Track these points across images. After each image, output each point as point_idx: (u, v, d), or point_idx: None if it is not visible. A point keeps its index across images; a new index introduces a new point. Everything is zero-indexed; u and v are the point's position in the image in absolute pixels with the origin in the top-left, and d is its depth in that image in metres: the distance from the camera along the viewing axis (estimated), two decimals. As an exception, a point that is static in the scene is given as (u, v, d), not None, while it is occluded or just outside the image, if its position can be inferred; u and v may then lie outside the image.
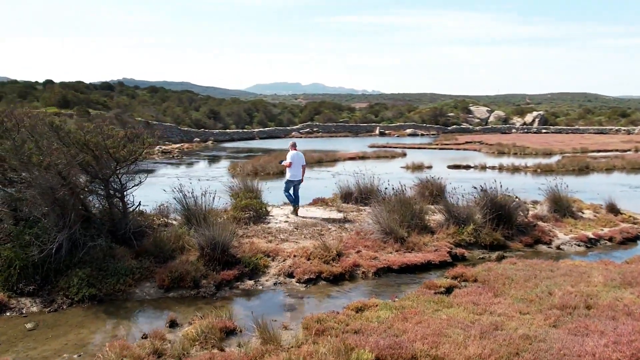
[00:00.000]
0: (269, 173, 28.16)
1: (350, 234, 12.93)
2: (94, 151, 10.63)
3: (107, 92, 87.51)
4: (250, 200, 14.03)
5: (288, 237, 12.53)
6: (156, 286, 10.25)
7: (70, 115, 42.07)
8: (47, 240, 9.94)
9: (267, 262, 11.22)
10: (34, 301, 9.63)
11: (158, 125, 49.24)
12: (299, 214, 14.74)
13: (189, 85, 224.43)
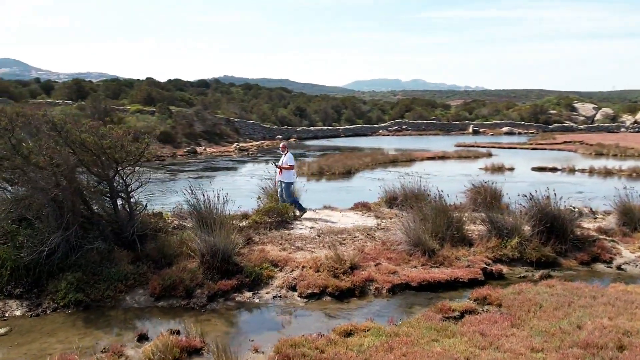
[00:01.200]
0: (334, 173, 27.48)
1: (375, 244, 11.96)
2: (92, 151, 10.35)
3: (202, 89, 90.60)
4: (275, 204, 13.37)
5: (304, 245, 11.77)
6: (148, 294, 9.85)
7: (152, 112, 43.49)
8: (39, 242, 9.78)
9: (272, 273, 10.53)
10: (21, 304, 9.52)
11: (240, 123, 49.94)
12: (326, 219, 13.93)
13: (287, 83, 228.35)
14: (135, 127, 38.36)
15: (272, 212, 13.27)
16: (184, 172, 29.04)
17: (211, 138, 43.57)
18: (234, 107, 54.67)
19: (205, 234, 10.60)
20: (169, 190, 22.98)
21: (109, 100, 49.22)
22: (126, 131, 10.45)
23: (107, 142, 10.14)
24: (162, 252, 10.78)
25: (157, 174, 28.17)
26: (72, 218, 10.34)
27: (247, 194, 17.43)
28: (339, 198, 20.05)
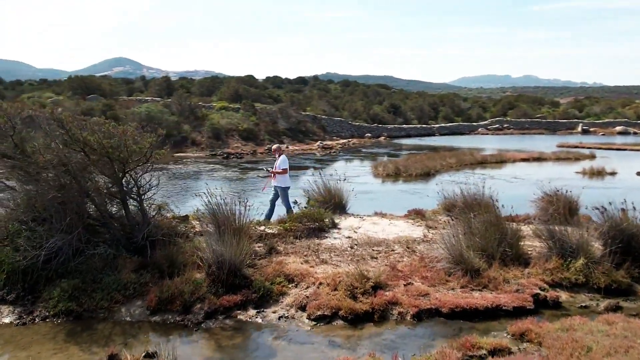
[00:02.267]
0: (411, 174, 25.98)
1: (413, 259, 10.61)
2: (96, 150, 9.78)
3: (299, 86, 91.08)
4: (308, 210, 12.33)
5: (331, 258, 10.64)
6: (145, 306, 9.13)
7: (236, 109, 43.70)
8: (37, 245, 9.33)
9: (285, 289, 9.51)
10: (13, 311, 9.12)
11: (327, 120, 49.24)
12: (369, 228, 12.68)
13: (390, 79, 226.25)
14: (219, 124, 38.66)
15: (307, 219, 12.23)
16: (256, 171, 28.61)
17: (295, 136, 43.16)
18: (324, 104, 54.02)
19: (211, 242, 9.75)
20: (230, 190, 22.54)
21: (198, 97, 50.18)
22: (126, 130, 9.69)
23: (108, 142, 9.49)
24: (170, 260, 10.05)
25: (228, 172, 27.96)
26: (76, 220, 9.83)
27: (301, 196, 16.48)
28: (401, 203, 18.70)
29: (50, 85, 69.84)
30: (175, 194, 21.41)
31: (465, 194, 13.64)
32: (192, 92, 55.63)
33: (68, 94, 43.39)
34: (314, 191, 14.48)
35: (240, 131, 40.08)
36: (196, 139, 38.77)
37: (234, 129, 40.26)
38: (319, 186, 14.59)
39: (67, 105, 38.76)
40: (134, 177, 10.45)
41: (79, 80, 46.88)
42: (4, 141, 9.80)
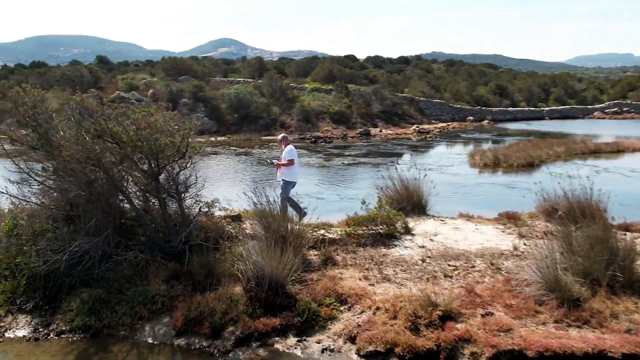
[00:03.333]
0: (512, 165, 23.61)
1: (496, 280, 8.81)
2: (126, 143, 8.68)
3: (401, 66, 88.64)
4: (376, 212, 10.74)
5: (395, 275, 9.04)
6: (171, 325, 7.99)
7: (329, 90, 42.38)
8: (58, 249, 8.41)
9: (335, 312, 8.06)
10: (29, 322, 8.30)
11: (425, 102, 46.96)
12: (448, 235, 10.90)
13: (500, 58, 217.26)
14: (310, 106, 37.57)
15: (374, 222, 10.65)
16: (342, 157, 27.20)
17: (389, 119, 41.29)
18: (423, 86, 51.58)
19: (254, 251, 8.44)
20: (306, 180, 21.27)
21: (292, 78, 49.31)
22: (149, 121, 8.50)
23: (135, 134, 8.35)
24: (208, 269, 8.85)
25: (311, 159, 26.74)
26: (105, 221, 8.83)
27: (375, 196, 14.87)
28: (495, 201, 16.64)
29: (153, 66, 71.71)
30: (249, 184, 20.39)
31: (569, 195, 11.51)
32: (288, 73, 54.89)
33: (161, 76, 43.83)
34: (389, 188, 12.81)
35: (331, 114, 38.78)
36: (285, 121, 37.89)
37: (325, 111, 39.01)
38: (395, 181, 12.88)
39: (157, 87, 39.04)
40: (171, 173, 9.30)
41: (172, 62, 47.26)
42: (28, 132, 8.93)
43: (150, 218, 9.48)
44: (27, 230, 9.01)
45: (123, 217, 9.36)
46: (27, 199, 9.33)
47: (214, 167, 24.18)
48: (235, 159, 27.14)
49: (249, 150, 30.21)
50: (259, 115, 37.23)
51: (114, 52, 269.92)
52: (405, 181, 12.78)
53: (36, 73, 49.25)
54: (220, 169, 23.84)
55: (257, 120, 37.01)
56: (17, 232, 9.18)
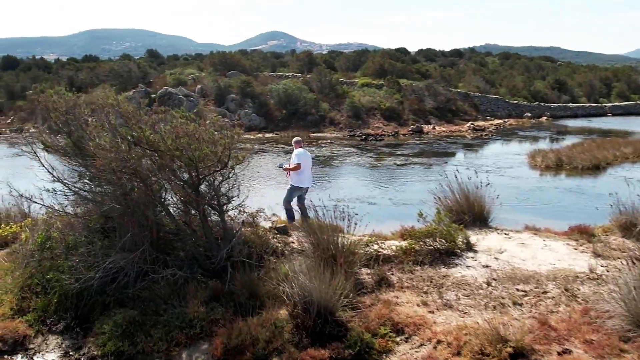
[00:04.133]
0: (576, 167, 22.31)
1: (572, 309, 7.86)
2: (164, 152, 8.08)
3: (454, 59, 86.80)
4: (435, 227, 9.87)
5: (458, 300, 8.19)
6: (210, 353, 7.36)
7: (380, 86, 41.40)
8: (92, 265, 7.89)
9: (391, 344, 7.29)
10: (60, 345, 7.79)
11: (480, 98, 45.50)
12: (514, 252, 9.95)
13: (557, 51, 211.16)
14: (360, 102, 36.76)
15: (431, 237, 9.80)
16: (393, 157, 26.28)
17: (443, 115, 40.05)
18: (478, 80, 50.00)
19: (301, 272, 7.74)
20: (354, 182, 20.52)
21: (342, 73, 48.50)
22: (192, 130, 7.85)
23: (173, 143, 7.73)
24: (250, 290, 8.19)
25: (362, 158, 25.93)
26: (141, 235, 8.27)
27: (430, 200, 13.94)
28: (561, 209, 15.55)
29: (202, 60, 71.94)
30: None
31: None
32: (337, 67, 54.05)
33: (209, 70, 43.65)
34: (447, 197, 11.89)
35: (382, 110, 37.84)
36: (335, 118, 37.14)
37: (376, 107, 38.09)
38: (454, 190, 11.96)
39: (205, 82, 38.81)
40: (213, 184, 8.66)
41: (220, 56, 47.08)
42: (64, 139, 8.44)
43: (190, 231, 8.87)
44: (60, 243, 8.54)
45: (160, 230, 8.78)
46: (62, 208, 8.84)
47: (262, 166, 23.66)
48: (284, 158, 26.54)
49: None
50: (308, 112, 36.59)
51: (165, 45, 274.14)
52: (465, 190, 11.85)
53: (86, 68, 49.80)
54: (269, 168, 23.27)
55: (306, 116, 36.39)
56: (49, 244, 8.73)
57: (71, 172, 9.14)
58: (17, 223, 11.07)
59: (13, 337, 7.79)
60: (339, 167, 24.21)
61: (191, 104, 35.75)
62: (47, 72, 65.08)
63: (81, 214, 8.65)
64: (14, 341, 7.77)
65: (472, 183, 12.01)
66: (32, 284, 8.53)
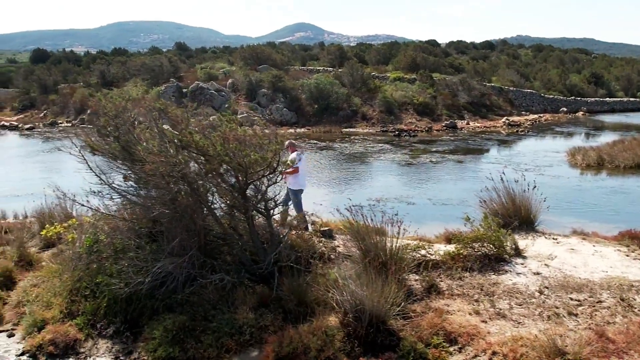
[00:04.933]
0: (618, 166, 21.90)
1: (630, 321, 7.71)
2: (213, 157, 8.10)
3: (485, 51, 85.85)
4: (484, 232, 9.76)
5: (511, 309, 8.08)
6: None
7: (412, 80, 41.11)
8: (141, 270, 7.96)
9: (444, 355, 7.24)
10: (110, 349, 7.88)
11: (515, 92, 44.94)
12: (565, 258, 9.79)
13: (591, 42, 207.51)
14: (392, 97, 36.59)
15: (479, 242, 9.69)
16: (428, 154, 26.08)
17: (477, 110, 39.63)
18: (512, 74, 49.35)
19: (352, 280, 7.72)
20: (390, 181, 20.41)
21: (373, 66, 48.27)
22: (241, 135, 7.85)
23: (223, 149, 7.74)
24: (298, 296, 8.19)
25: (397, 155, 25.79)
26: (189, 240, 8.32)
27: (470, 200, 13.78)
28: (606, 210, 15.28)
29: (231, 53, 72.23)
30: (334, 185, 19.72)
31: None
32: (367, 60, 53.78)
33: (240, 65, 43.77)
34: (492, 200, 11.74)
35: (415, 105, 37.60)
36: (367, 113, 36.99)
37: (409, 102, 37.84)
38: (500, 192, 11.80)
39: (236, 77, 38.92)
40: (260, 189, 8.66)
41: (250, 50, 47.15)
42: (112, 142, 8.51)
43: (237, 236, 8.90)
44: (107, 246, 8.64)
45: (207, 235, 8.82)
46: (109, 212, 8.94)
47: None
48: (317, 154, 26.47)
49: (329, 143, 29.53)
50: (340, 107, 36.50)
51: (192, 37, 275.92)
52: (511, 192, 11.69)
53: (117, 62, 50.30)
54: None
55: (338, 111, 36.31)
56: (97, 248, 8.83)
57: (117, 175, 9.23)
58: (61, 223, 11.19)
59: (64, 340, 7.89)
60: (374, 164, 24.10)
61: (223, 99, 35.91)
62: (77, 65, 66.00)
63: (129, 217, 8.71)
64: (65, 345, 7.87)
65: (517, 185, 11.85)
66: (80, 287, 8.64)
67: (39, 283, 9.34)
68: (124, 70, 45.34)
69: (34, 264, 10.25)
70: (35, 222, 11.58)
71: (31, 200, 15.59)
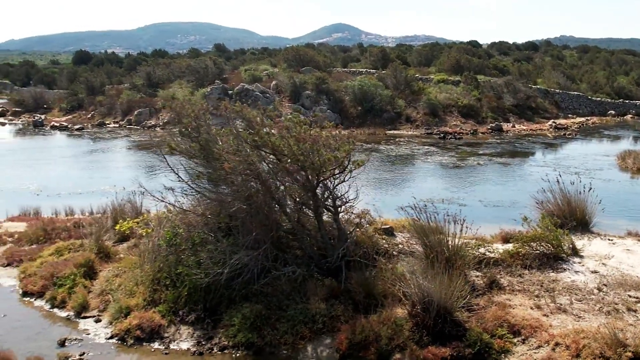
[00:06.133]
0: (671, 170, 21.95)
1: (690, 318, 8.13)
2: (287, 156, 8.78)
3: (529, 52, 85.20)
4: (542, 232, 10.23)
5: (571, 305, 8.57)
6: (334, 347, 8.02)
7: (456, 82, 41.38)
8: (220, 262, 8.68)
9: (508, 345, 7.78)
10: (192, 334, 8.63)
11: (561, 95, 44.79)
12: (621, 258, 10.20)
13: (637, 43, 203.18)
14: (437, 99, 36.95)
15: (537, 242, 10.17)
16: (475, 156, 26.44)
17: (522, 113, 39.67)
18: (558, 76, 49.13)
19: (419, 273, 8.30)
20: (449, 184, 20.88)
21: (415, 68, 48.62)
22: (317, 136, 8.51)
23: (298, 148, 8.42)
24: (367, 289, 8.81)
25: (444, 157, 26.22)
26: (264, 234, 9.01)
27: (521, 202, 14.19)
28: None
29: (270, 54, 73.29)
30: (385, 185, 20.29)
31: None
32: (409, 62, 54.12)
33: (283, 67, 44.61)
34: (548, 201, 12.19)
35: (459, 107, 37.83)
36: (411, 115, 37.38)
37: (453, 104, 38.10)
38: (555, 194, 12.24)
39: (280, 79, 39.75)
40: (329, 187, 9.31)
41: (294, 52, 47.93)
42: (191, 142, 9.26)
43: (307, 232, 9.56)
44: (185, 240, 9.38)
45: (278, 230, 9.50)
46: (187, 208, 9.69)
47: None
48: (364, 156, 27.04)
49: (375, 145, 30.09)
50: (383, 109, 36.96)
51: (229, 38, 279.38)
52: (567, 194, 12.12)
53: (161, 64, 51.63)
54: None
55: (382, 113, 36.77)
56: (176, 241, 9.57)
57: (192, 172, 9.99)
58: (133, 219, 12.01)
59: (150, 326, 8.66)
60: (421, 166, 24.59)
61: (267, 101, 36.76)
62: (119, 66, 67.90)
63: (209, 213, 9.44)
64: (151, 330, 8.64)
65: (572, 187, 12.27)
66: (161, 277, 9.41)
67: (120, 273, 10.17)
68: (168, 72, 46.58)
69: (111, 256, 11.07)
70: (109, 217, 12.40)
71: (93, 197, 16.64)
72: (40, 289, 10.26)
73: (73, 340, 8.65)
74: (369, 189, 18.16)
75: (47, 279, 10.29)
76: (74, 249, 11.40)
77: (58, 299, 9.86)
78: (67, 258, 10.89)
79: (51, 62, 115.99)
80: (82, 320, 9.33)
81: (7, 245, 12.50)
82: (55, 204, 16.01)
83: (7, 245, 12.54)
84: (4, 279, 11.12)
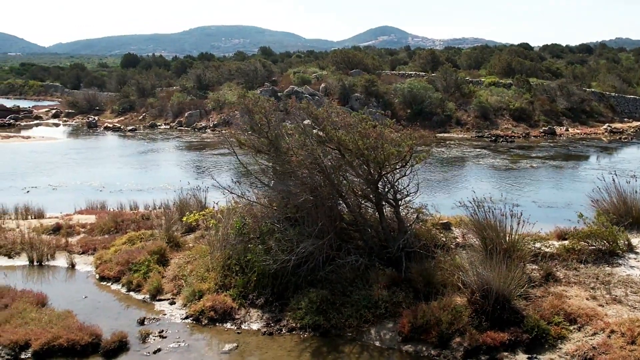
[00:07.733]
0: None
1: None
2: (352, 151, 9.48)
3: (583, 55, 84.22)
4: (598, 229, 10.66)
5: (626, 297, 9.01)
6: (396, 331, 8.68)
7: (508, 85, 41.49)
8: (288, 249, 9.43)
9: (565, 332, 8.29)
10: (261, 317, 9.39)
11: (617, 98, 44.40)
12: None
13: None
14: (488, 102, 37.20)
15: (594, 238, 10.60)
16: (528, 159, 26.70)
17: (576, 117, 39.55)
18: (613, 79, 48.69)
19: (478, 263, 8.87)
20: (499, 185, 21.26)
21: (465, 71, 48.83)
22: (381, 131, 9.18)
23: (363, 143, 9.10)
24: (427, 278, 9.42)
25: (496, 160, 26.56)
26: (328, 225, 9.72)
27: (576, 203, 14.59)
28: None
29: (316, 57, 74.33)
30: (437, 185, 20.81)
31: None
32: (458, 64, 54.37)
33: (331, 69, 45.43)
34: (604, 200, 12.56)
35: (511, 110, 37.97)
36: (461, 118, 37.72)
37: (505, 107, 38.27)
38: (611, 193, 12.61)
39: (329, 82, 40.57)
40: (390, 180, 9.96)
41: (342, 54, 48.75)
42: (259, 137, 10.02)
43: (369, 224, 10.22)
44: (253, 229, 10.16)
45: (342, 221, 10.19)
46: (255, 200, 10.47)
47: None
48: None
49: (424, 147, 30.52)
50: (433, 111, 37.41)
51: (274, 41, 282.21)
52: (622, 193, 12.47)
53: (210, 66, 53.04)
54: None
55: (431, 116, 37.21)
56: (244, 230, 10.36)
57: (257, 168, 10.79)
58: (198, 212, 12.88)
59: (222, 308, 9.45)
60: (473, 168, 25.00)
61: (317, 103, 37.60)
62: (167, 69, 69.93)
63: (275, 204, 10.20)
64: (223, 311, 9.43)
65: (628, 186, 12.62)
66: (230, 264, 10.20)
67: (190, 260, 11.02)
68: (218, 74, 47.95)
69: (180, 245, 11.93)
70: (175, 210, 13.29)
71: (153, 193, 17.64)
72: (116, 274, 11.20)
73: (151, 319, 9.50)
74: (422, 189, 18.69)
75: (122, 265, 11.21)
76: (145, 239, 12.32)
77: (134, 283, 10.77)
78: (140, 247, 11.79)
79: (99, 65, 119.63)
80: (158, 303, 10.20)
81: (80, 235, 13.54)
82: (119, 199, 17.09)
83: (80, 235, 13.58)
84: (81, 265, 12.13)
